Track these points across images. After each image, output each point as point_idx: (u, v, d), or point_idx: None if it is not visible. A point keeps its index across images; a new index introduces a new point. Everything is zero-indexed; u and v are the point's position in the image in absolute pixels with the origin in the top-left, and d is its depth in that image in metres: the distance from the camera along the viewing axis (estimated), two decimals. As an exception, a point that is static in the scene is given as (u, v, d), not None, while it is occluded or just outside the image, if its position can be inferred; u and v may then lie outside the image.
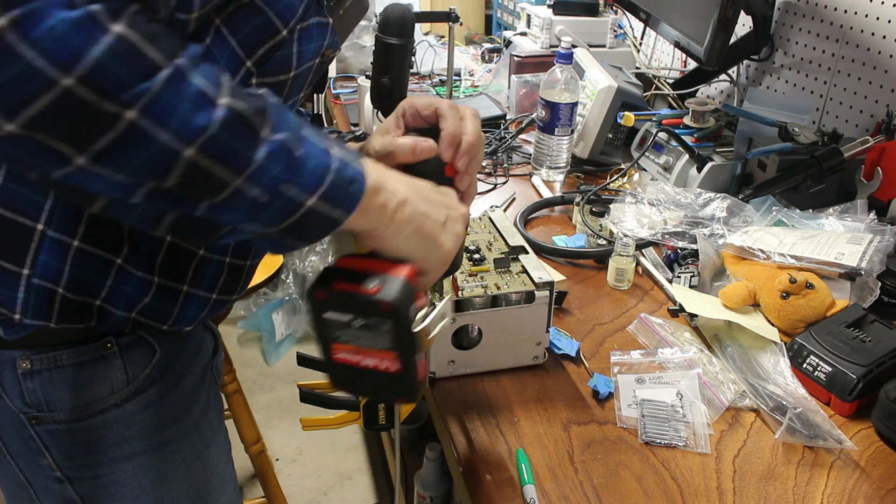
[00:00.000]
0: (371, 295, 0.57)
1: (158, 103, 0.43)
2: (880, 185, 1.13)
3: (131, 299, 0.63)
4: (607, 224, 1.13)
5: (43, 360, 0.63)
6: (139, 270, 0.62)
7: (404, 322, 0.58)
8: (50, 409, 0.65)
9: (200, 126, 0.45)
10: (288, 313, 2.54)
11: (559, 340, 0.91)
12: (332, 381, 0.64)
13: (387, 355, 0.60)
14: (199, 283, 0.66)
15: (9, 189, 0.55)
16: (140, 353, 0.67)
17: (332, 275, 0.59)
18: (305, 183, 0.51)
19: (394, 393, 0.63)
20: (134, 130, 0.43)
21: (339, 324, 0.58)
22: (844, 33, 1.30)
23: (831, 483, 0.72)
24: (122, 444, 0.69)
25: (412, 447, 1.73)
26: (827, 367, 0.82)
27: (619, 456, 0.75)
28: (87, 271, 0.60)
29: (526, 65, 1.74)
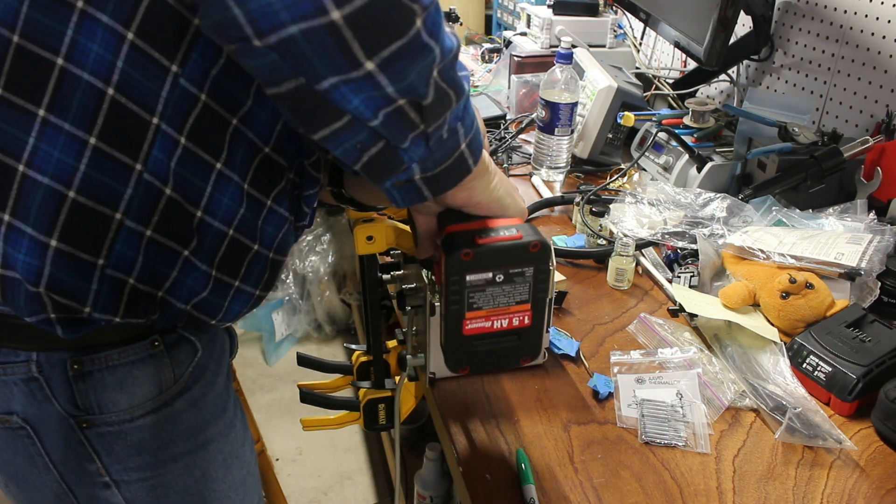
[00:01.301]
0: (519, 239, 0.59)
1: (434, 17, 0.46)
2: (880, 185, 1.13)
3: (192, 292, 0.62)
4: (607, 224, 1.13)
5: (94, 360, 0.62)
6: (203, 264, 0.61)
7: (548, 261, 0.60)
8: (101, 412, 0.64)
9: (452, 47, 0.49)
10: (288, 313, 2.54)
11: (559, 340, 0.91)
12: (453, 363, 0.64)
13: (521, 309, 0.61)
14: (249, 278, 0.66)
15: (90, 178, 0.54)
16: (184, 351, 0.67)
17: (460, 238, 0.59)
18: (468, 124, 0.55)
19: (520, 353, 0.65)
20: (418, 40, 0.46)
21: (480, 284, 0.59)
22: (844, 33, 1.30)
23: (831, 483, 0.72)
24: (170, 444, 0.68)
25: (412, 447, 1.73)
26: (827, 366, 0.82)
27: (619, 456, 0.75)
28: (156, 262, 0.59)
29: (526, 65, 1.74)
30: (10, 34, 0.50)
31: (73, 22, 0.50)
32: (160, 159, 0.55)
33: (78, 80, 0.51)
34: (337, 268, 2.52)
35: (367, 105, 0.47)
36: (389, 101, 0.48)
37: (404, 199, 0.57)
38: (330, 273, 2.51)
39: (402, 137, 0.51)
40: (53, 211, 0.54)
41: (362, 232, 0.76)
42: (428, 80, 0.48)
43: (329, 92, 0.46)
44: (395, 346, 0.92)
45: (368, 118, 0.48)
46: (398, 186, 0.55)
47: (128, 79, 0.52)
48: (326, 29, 0.43)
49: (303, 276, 2.52)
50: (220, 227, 0.61)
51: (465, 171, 0.57)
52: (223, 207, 0.60)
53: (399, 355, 0.91)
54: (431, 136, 0.52)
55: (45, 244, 0.54)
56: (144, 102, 0.53)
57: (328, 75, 0.45)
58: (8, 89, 0.51)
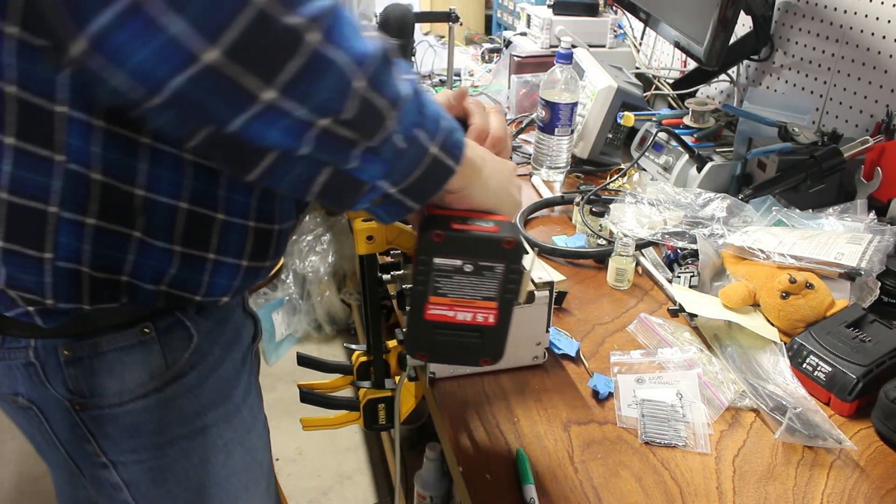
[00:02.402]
0: (493, 233, 0.58)
1: (336, 26, 0.44)
2: (880, 185, 1.13)
3: (157, 271, 0.62)
4: (607, 224, 1.13)
5: (83, 347, 0.64)
6: (158, 241, 0.61)
7: (520, 262, 0.59)
8: (92, 395, 0.66)
9: (367, 54, 0.46)
10: (288, 313, 2.54)
11: (559, 340, 0.91)
12: (412, 346, 0.63)
13: (486, 306, 0.60)
14: (226, 249, 0.65)
15: (16, 176, 0.55)
16: (178, 337, 0.68)
17: (439, 220, 0.59)
18: (430, 128, 0.53)
19: (480, 352, 0.63)
20: (318, 55, 0.44)
21: (447, 270, 0.59)
22: (844, 33, 1.30)
23: (831, 483, 0.72)
24: (164, 428, 0.69)
25: (412, 447, 1.73)
26: (827, 366, 0.82)
27: (619, 456, 0.75)
28: (107, 248, 0.59)
29: (526, 65, 1.74)
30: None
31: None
32: (79, 146, 0.55)
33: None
34: (337, 268, 2.52)
35: (287, 135, 0.46)
36: (308, 126, 0.46)
37: (390, 214, 0.56)
38: (330, 273, 2.51)
39: (345, 158, 0.49)
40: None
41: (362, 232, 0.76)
42: (345, 94, 0.46)
43: (242, 132, 0.45)
44: (395, 346, 0.92)
45: (295, 147, 0.47)
46: (377, 204, 0.55)
47: (23, 73, 0.52)
48: (210, 71, 0.42)
49: (303, 276, 2.52)
50: (169, 201, 0.60)
51: (446, 173, 0.55)
52: (165, 181, 0.59)
53: (399, 355, 0.91)
54: (381, 149, 0.50)
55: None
56: (43, 93, 0.53)
57: (233, 116, 0.44)
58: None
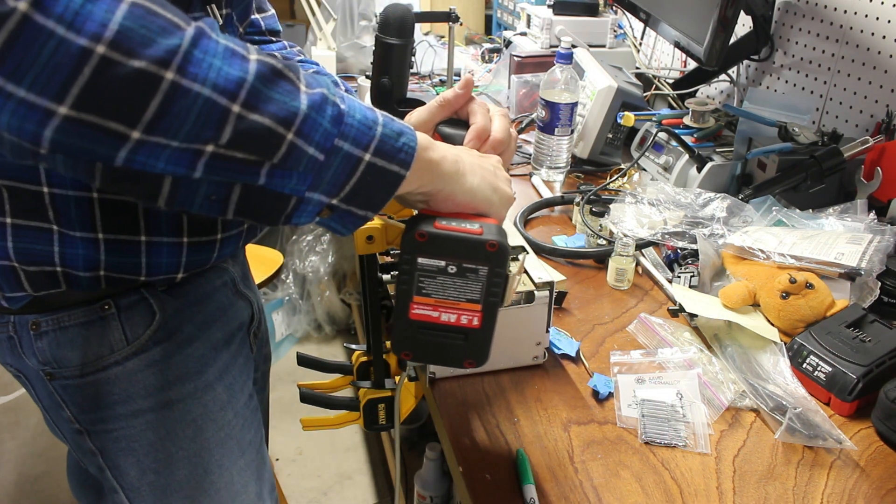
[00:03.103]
0: (477, 235, 0.58)
1: (191, 60, 0.45)
2: (880, 185, 1.13)
3: (88, 259, 0.65)
4: (607, 224, 1.13)
5: (49, 321, 0.68)
6: (77, 231, 0.64)
7: (504, 266, 0.59)
8: (59, 366, 0.70)
9: (236, 78, 0.47)
10: (288, 313, 2.54)
11: (559, 340, 0.91)
12: (396, 345, 0.63)
13: (470, 308, 0.60)
14: (157, 229, 0.67)
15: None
16: (139, 314, 0.70)
17: (424, 220, 0.59)
18: (357, 136, 0.53)
19: (464, 354, 0.63)
20: (176, 90, 0.44)
21: (431, 270, 0.58)
22: (844, 33, 1.30)
23: (831, 483, 0.72)
24: (127, 400, 0.72)
25: (412, 447, 1.73)
26: (827, 367, 0.82)
27: (619, 456, 0.75)
28: (30, 243, 0.64)
29: (526, 65, 1.74)
30: None
31: None
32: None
33: None
34: (337, 268, 2.52)
35: (175, 163, 0.47)
36: (193, 152, 0.47)
37: (345, 225, 0.56)
38: (330, 273, 2.51)
39: (251, 176, 0.50)
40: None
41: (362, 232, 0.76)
42: (218, 121, 0.46)
43: (130, 163, 0.46)
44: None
45: (187, 173, 0.48)
46: (327, 217, 0.55)
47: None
48: (69, 122, 0.43)
49: (303, 276, 2.52)
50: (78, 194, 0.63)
51: (393, 178, 0.55)
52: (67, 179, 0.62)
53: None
54: (290, 164, 0.50)
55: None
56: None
57: (113, 154, 0.45)
58: None
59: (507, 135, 0.70)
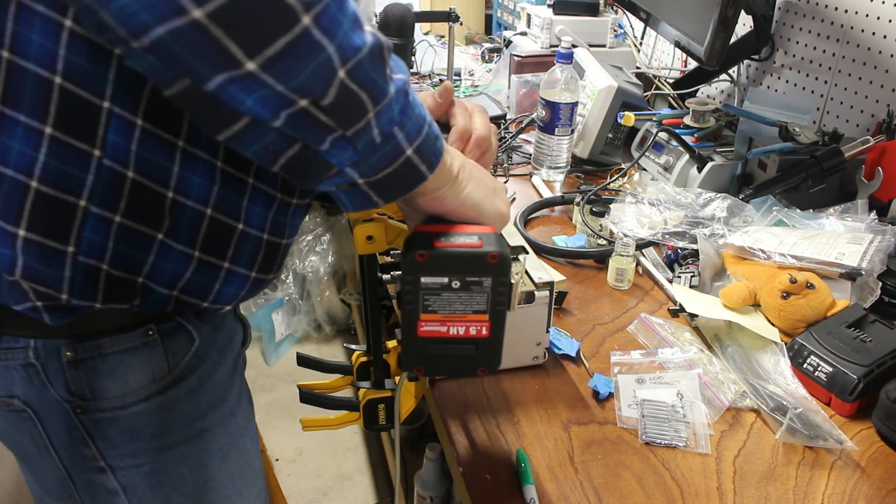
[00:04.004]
0: (477, 248, 0.58)
1: (328, 13, 0.45)
2: (881, 185, 1.13)
3: (173, 276, 0.62)
4: (607, 224, 1.13)
5: (87, 348, 0.63)
6: (180, 245, 0.61)
7: (507, 275, 0.59)
8: (94, 398, 0.65)
9: (356, 46, 0.47)
10: (288, 313, 2.54)
11: (559, 340, 0.91)
12: (407, 363, 0.63)
13: (478, 319, 0.60)
14: (239, 259, 0.66)
15: (50, 167, 0.54)
16: (180, 340, 0.67)
17: (422, 239, 0.59)
18: (410, 129, 0.53)
19: (476, 363, 0.63)
20: (307, 37, 0.44)
21: (435, 288, 0.58)
22: (845, 33, 1.30)
23: (832, 483, 0.72)
24: (164, 432, 0.69)
25: (412, 447, 1.73)
26: (827, 367, 0.82)
27: (620, 456, 0.75)
28: (129, 247, 0.59)
29: (526, 65, 1.74)
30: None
31: (10, 13, 0.50)
32: (118, 143, 0.55)
33: (25, 71, 0.51)
34: (337, 268, 2.52)
35: (263, 105, 0.46)
36: (287, 102, 0.46)
37: (353, 203, 0.56)
38: (330, 273, 2.50)
39: (318, 139, 0.49)
40: (19, 202, 0.54)
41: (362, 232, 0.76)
42: (328, 80, 0.46)
43: (218, 93, 0.45)
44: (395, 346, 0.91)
45: (268, 119, 0.47)
46: (343, 190, 0.55)
47: (73, 66, 0.52)
48: (192, 28, 0.42)
49: (303, 276, 2.52)
50: (196, 206, 0.60)
51: (417, 177, 0.55)
52: (195, 186, 0.59)
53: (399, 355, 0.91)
54: (356, 139, 0.50)
55: (13, 234, 0.55)
56: (92, 87, 0.53)
57: (211, 76, 0.44)
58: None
59: (489, 131, 0.70)
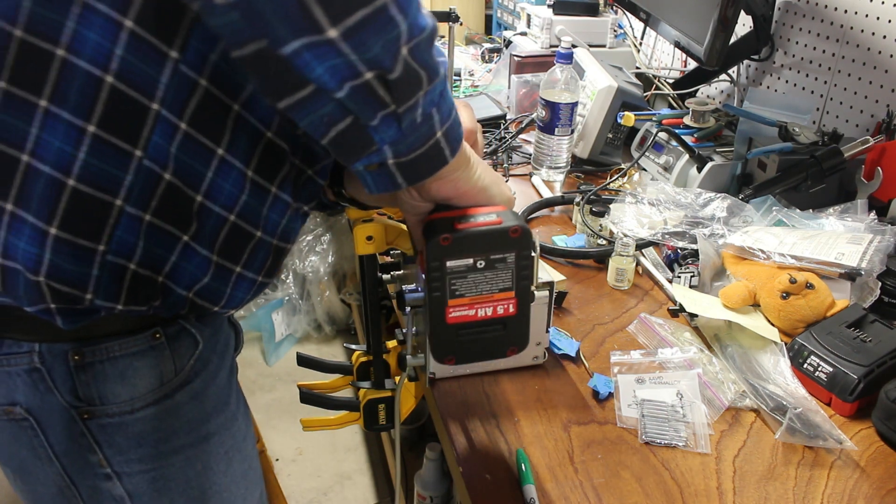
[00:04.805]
0: (498, 224, 0.58)
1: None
2: (880, 185, 1.13)
3: (192, 278, 0.62)
4: (607, 224, 1.13)
5: (95, 351, 0.62)
6: (203, 249, 0.61)
7: (529, 247, 0.60)
8: (102, 403, 0.64)
9: (422, 26, 0.48)
10: (288, 313, 2.54)
11: (559, 340, 0.91)
12: (439, 353, 0.63)
13: (505, 297, 0.61)
14: (251, 265, 0.66)
15: (90, 165, 0.54)
16: (185, 343, 0.67)
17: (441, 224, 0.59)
18: (444, 112, 0.54)
19: (505, 343, 0.64)
20: (385, 12, 0.45)
21: (461, 271, 0.59)
22: (845, 33, 1.30)
23: (831, 483, 0.72)
24: (171, 436, 0.68)
25: (412, 447, 1.73)
26: (828, 367, 0.82)
27: (619, 456, 0.75)
28: (156, 246, 0.59)
29: (526, 65, 1.74)
30: (12, 28, 0.51)
31: (72, 13, 0.50)
32: (160, 145, 0.55)
33: (76, 68, 0.51)
34: (337, 268, 2.52)
35: (332, 74, 0.47)
36: (355, 74, 0.47)
37: (377, 183, 0.56)
38: (330, 273, 2.50)
39: (371, 114, 0.50)
40: (54, 199, 0.54)
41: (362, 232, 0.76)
42: (395, 55, 0.47)
43: (292, 57, 0.45)
44: (395, 346, 0.92)
45: (333, 89, 0.47)
46: (371, 170, 0.55)
47: (127, 66, 0.52)
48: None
49: (303, 276, 2.52)
50: (221, 212, 0.61)
51: (441, 161, 0.56)
52: (224, 193, 0.60)
53: (399, 355, 0.91)
54: (403, 117, 0.51)
55: (44, 232, 0.55)
56: (144, 89, 0.53)
57: (290, 39, 0.45)
58: (12, 82, 0.52)
59: (475, 124, 0.70)
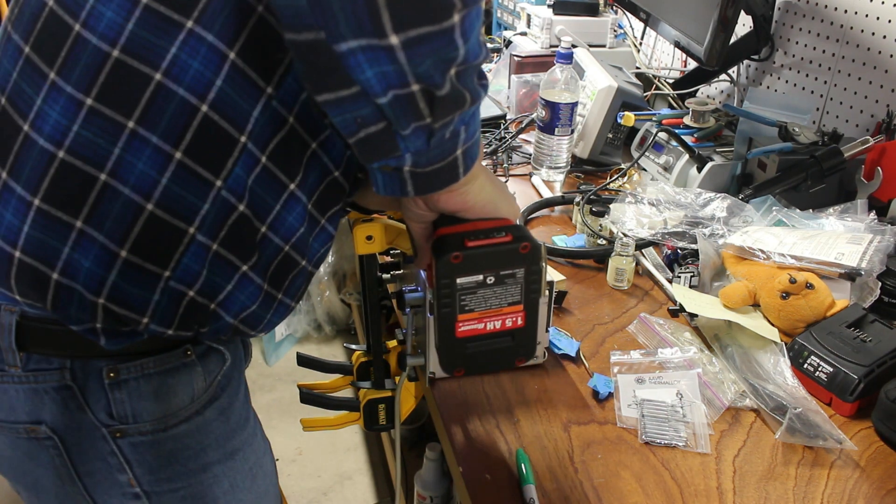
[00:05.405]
0: (508, 241, 0.59)
1: (470, 17, 0.47)
2: (880, 185, 1.13)
3: (242, 306, 0.62)
4: (607, 224, 1.13)
5: (130, 368, 0.61)
6: (258, 278, 0.62)
7: (539, 262, 0.60)
8: (136, 421, 0.63)
9: (476, 54, 0.49)
10: (288, 313, 2.54)
11: (559, 340, 0.91)
12: (448, 365, 0.64)
13: (513, 310, 0.62)
14: (290, 291, 0.67)
15: (171, 191, 0.54)
16: (213, 360, 0.67)
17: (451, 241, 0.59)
18: (470, 131, 0.55)
19: (515, 354, 0.65)
20: (450, 33, 0.46)
21: (471, 287, 0.59)
22: (844, 33, 1.30)
23: (831, 483, 0.72)
24: (200, 454, 0.68)
25: (412, 447, 1.73)
26: (828, 367, 0.82)
27: (619, 456, 0.75)
28: (217, 275, 0.59)
29: (526, 65, 1.74)
30: (111, 49, 0.51)
31: (178, 40, 0.51)
32: (240, 177, 0.56)
33: (173, 95, 0.52)
34: (337, 268, 2.52)
35: (380, 80, 0.47)
36: (403, 83, 0.47)
37: (386, 186, 0.56)
38: (330, 273, 2.50)
39: (406, 124, 0.50)
40: (129, 221, 0.54)
41: (362, 232, 0.76)
42: (445, 74, 0.48)
43: (346, 56, 0.46)
44: (395, 346, 0.92)
45: (377, 94, 0.48)
46: (385, 172, 0.55)
47: (224, 97, 0.53)
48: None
49: (303, 276, 2.52)
50: (280, 243, 0.61)
51: (453, 177, 0.56)
52: (286, 225, 0.61)
53: (399, 355, 0.91)
54: (436, 132, 0.51)
55: (115, 254, 0.55)
56: (236, 121, 0.54)
57: (349, 37, 0.45)
58: (99, 100, 0.52)
59: None
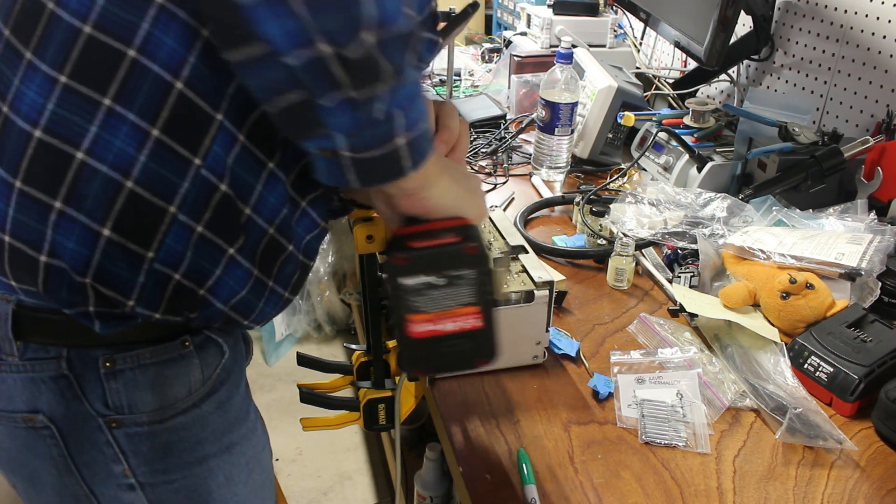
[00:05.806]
0: (454, 243, 0.58)
1: None
2: (880, 185, 1.13)
3: (232, 291, 0.61)
4: (607, 224, 1.13)
5: (126, 358, 0.61)
6: (245, 261, 0.61)
7: (488, 264, 0.59)
8: (132, 411, 0.63)
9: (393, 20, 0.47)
10: (288, 313, 2.53)
11: (559, 340, 0.91)
12: (405, 365, 0.63)
13: (469, 311, 0.60)
14: (280, 279, 0.66)
15: (149, 169, 0.54)
16: (212, 352, 0.66)
17: (399, 242, 0.59)
18: (411, 120, 0.52)
19: (475, 354, 0.63)
20: None
21: (418, 288, 0.58)
22: (844, 33, 1.30)
23: (831, 483, 0.72)
24: (196, 446, 0.67)
25: (412, 447, 1.73)
26: (828, 367, 0.82)
27: (620, 456, 0.75)
28: (203, 258, 0.58)
29: (526, 65, 1.74)
30: (82, 24, 0.50)
31: (150, 16, 0.51)
32: (219, 155, 0.55)
33: (147, 71, 0.51)
34: (337, 268, 2.52)
35: (284, 35, 0.45)
36: (308, 41, 0.45)
37: (329, 173, 0.55)
38: (330, 273, 2.50)
39: (323, 91, 0.48)
40: (109, 200, 0.54)
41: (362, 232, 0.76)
42: (353, 35, 0.46)
43: (247, 8, 0.44)
44: (395, 345, 0.91)
45: (283, 52, 0.46)
46: (325, 156, 0.54)
47: (198, 74, 0.52)
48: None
49: (303, 276, 2.52)
50: (264, 225, 0.61)
51: (397, 170, 0.54)
52: (269, 206, 0.60)
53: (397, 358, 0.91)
54: (360, 105, 0.49)
55: (97, 233, 0.54)
56: (211, 97, 0.53)
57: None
58: (73, 77, 0.51)
59: (456, 123, 0.68)
